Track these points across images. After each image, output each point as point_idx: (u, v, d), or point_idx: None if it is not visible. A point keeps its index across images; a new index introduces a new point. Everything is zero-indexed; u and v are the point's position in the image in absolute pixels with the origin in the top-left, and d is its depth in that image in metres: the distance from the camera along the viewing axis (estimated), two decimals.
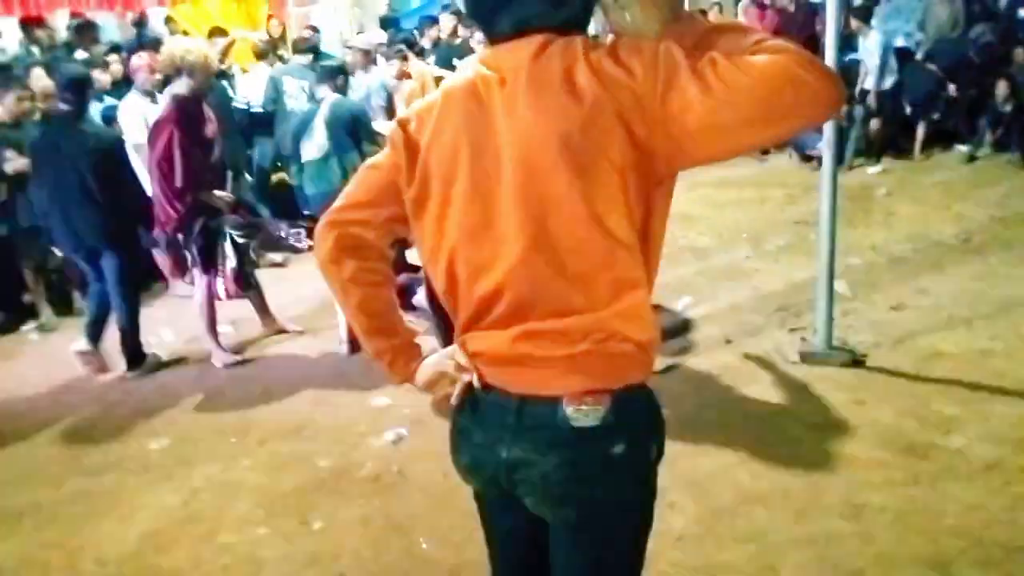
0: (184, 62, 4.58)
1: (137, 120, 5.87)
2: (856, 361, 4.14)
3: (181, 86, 4.64)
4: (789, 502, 3.08)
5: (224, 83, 6.88)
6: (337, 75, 5.38)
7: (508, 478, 1.50)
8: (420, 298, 4.81)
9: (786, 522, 2.97)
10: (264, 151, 7.37)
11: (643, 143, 1.31)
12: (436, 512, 3.19)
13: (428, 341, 3.51)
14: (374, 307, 1.60)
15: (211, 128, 4.78)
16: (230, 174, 5.79)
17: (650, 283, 1.44)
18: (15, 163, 5.55)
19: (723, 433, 3.59)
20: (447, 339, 1.61)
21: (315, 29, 8.46)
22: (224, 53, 6.58)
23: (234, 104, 7.15)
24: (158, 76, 5.78)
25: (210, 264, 4.79)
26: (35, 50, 7.42)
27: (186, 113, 4.60)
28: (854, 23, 8.63)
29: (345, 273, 1.57)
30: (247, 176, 6.93)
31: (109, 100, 6.53)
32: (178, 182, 4.55)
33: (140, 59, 6.13)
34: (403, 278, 4.87)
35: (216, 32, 7.32)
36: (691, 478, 3.26)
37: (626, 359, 1.42)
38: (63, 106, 4.76)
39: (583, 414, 1.41)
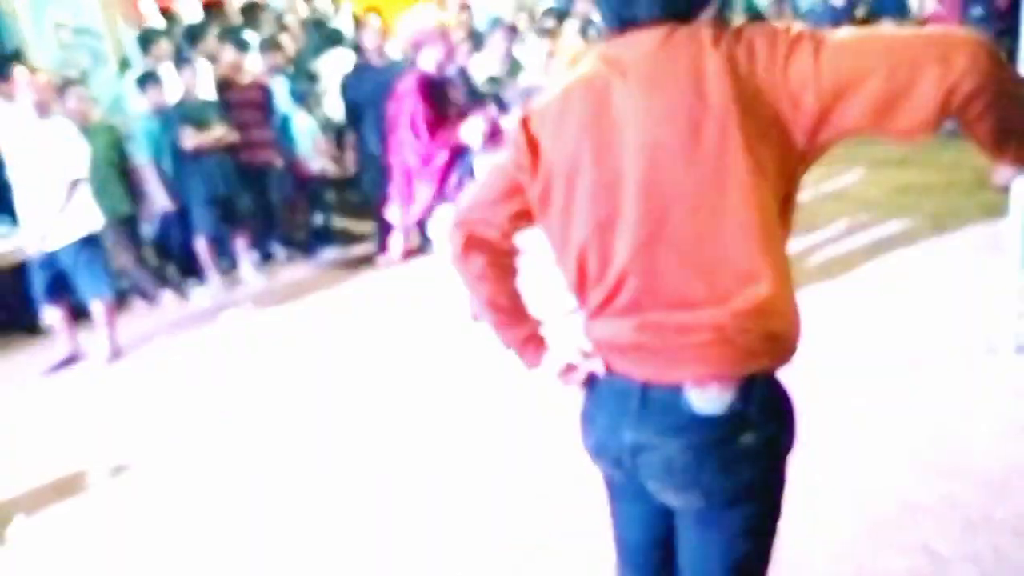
0: (421, 34, 4.65)
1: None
2: None
3: (425, 60, 4.69)
4: (958, 513, 2.86)
5: None
6: None
7: (631, 462, 1.52)
8: None
9: (952, 534, 2.77)
10: None
11: (776, 122, 1.30)
12: (578, 495, 3.13)
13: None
14: (503, 301, 1.68)
15: (456, 95, 4.84)
16: None
17: (779, 270, 1.38)
18: (195, 138, 5.96)
19: (892, 433, 3.38)
20: None
21: (467, 6, 8.38)
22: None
23: None
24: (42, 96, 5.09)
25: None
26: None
27: (430, 85, 4.63)
28: None
29: (474, 270, 1.64)
30: None
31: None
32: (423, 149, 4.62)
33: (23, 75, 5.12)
34: None
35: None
36: (852, 480, 3.10)
37: (752, 349, 1.39)
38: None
39: (707, 401, 1.41)
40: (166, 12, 8.13)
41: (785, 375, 1.50)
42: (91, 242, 5.23)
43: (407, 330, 5.23)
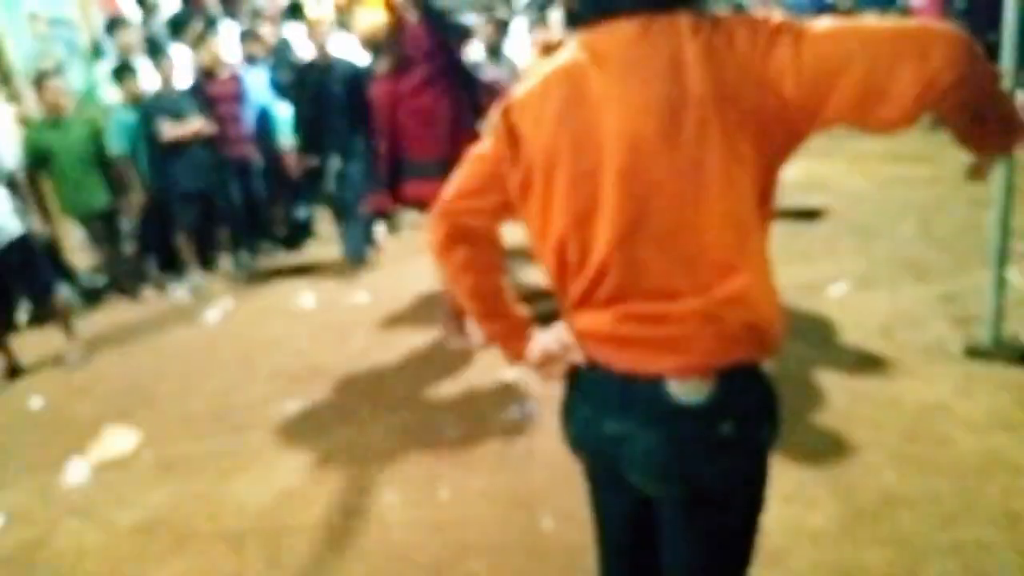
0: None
1: None
2: None
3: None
4: (937, 506, 2.87)
5: None
6: None
7: (612, 453, 1.51)
8: None
9: (932, 527, 2.77)
10: None
11: (756, 112, 1.29)
12: (560, 490, 3.15)
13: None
14: (485, 292, 1.67)
15: None
16: None
17: (758, 261, 1.39)
18: (173, 131, 5.88)
19: (872, 429, 3.37)
20: None
21: None
22: None
23: None
24: None
25: None
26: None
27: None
28: None
29: (456, 261, 1.63)
30: None
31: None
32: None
33: None
34: None
35: None
36: (834, 474, 3.09)
37: (733, 339, 1.39)
38: None
39: (688, 392, 1.40)
40: (143, 2, 8.01)
41: (766, 369, 1.49)
42: (26, 241, 4.89)
43: (395, 326, 5.20)
